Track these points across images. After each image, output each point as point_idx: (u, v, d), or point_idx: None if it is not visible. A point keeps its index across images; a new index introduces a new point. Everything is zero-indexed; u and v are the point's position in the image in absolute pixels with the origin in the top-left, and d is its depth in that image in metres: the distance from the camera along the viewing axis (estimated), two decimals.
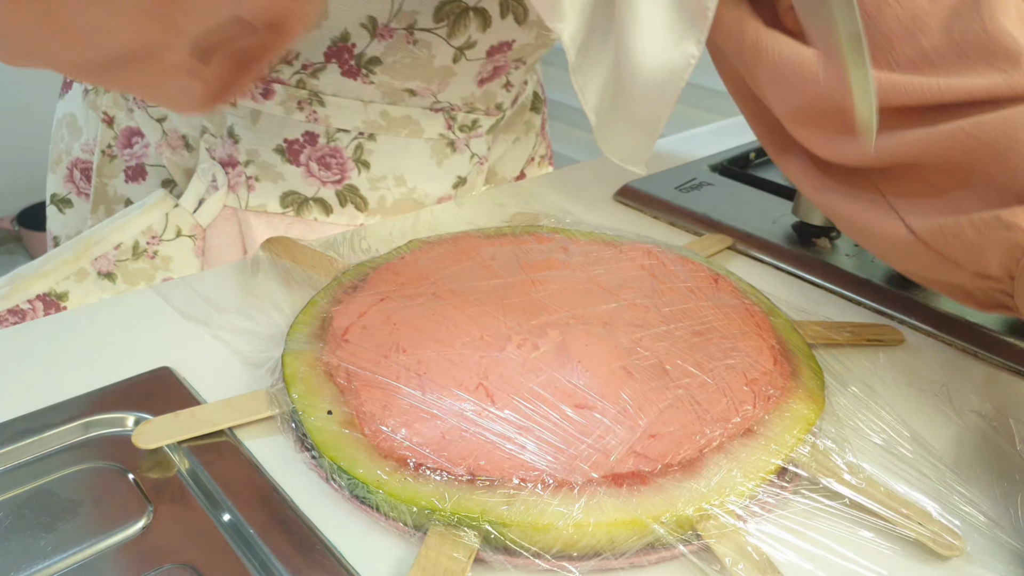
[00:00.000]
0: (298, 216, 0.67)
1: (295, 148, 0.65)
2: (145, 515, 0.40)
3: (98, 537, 0.39)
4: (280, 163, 0.65)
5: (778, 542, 0.39)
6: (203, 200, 0.66)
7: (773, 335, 0.51)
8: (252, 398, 0.45)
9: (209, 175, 0.66)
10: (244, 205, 0.66)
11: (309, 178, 0.66)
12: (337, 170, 0.66)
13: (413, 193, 0.69)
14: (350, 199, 0.67)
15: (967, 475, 0.44)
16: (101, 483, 0.41)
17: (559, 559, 0.37)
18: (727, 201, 0.73)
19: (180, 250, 0.66)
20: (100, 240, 0.63)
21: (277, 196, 0.66)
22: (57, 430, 0.44)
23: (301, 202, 0.67)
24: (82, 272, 0.64)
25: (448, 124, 0.68)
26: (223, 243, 0.67)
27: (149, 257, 0.65)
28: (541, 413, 0.42)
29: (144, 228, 0.64)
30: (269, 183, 0.66)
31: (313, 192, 0.66)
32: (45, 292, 0.63)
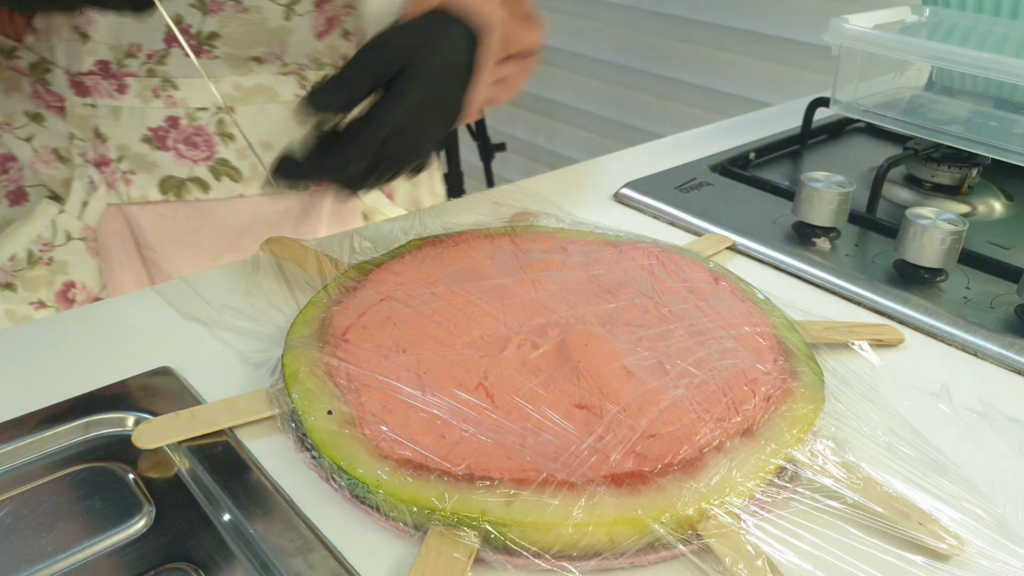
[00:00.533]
0: (179, 199, 0.69)
1: (160, 135, 0.67)
2: (145, 515, 0.40)
3: (98, 537, 0.39)
4: (150, 152, 0.67)
5: (778, 542, 0.39)
6: (86, 203, 0.68)
7: (773, 335, 0.51)
8: (252, 398, 0.45)
9: (86, 178, 0.68)
10: (126, 199, 0.68)
11: (180, 160, 0.68)
12: (205, 148, 0.68)
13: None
14: (224, 172, 0.70)
15: (967, 475, 0.44)
16: (101, 483, 0.41)
17: (559, 559, 0.37)
18: (727, 201, 0.73)
19: (74, 253, 0.68)
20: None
21: (155, 184, 0.69)
22: (57, 430, 0.44)
23: (179, 185, 0.69)
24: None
25: (301, 85, 0.70)
26: (114, 240, 0.69)
27: (45, 264, 0.67)
28: (541, 413, 0.42)
29: (33, 237, 0.67)
30: (144, 173, 0.68)
31: (188, 173, 0.69)
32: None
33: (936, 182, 0.77)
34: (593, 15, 2.03)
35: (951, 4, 0.85)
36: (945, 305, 0.58)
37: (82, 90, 0.65)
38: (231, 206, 0.72)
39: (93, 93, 0.65)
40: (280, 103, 0.69)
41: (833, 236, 0.67)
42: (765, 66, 1.72)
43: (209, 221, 0.71)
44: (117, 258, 0.70)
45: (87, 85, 0.65)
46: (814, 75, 1.62)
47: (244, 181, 0.71)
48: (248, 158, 0.70)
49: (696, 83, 1.86)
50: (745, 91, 1.76)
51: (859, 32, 0.76)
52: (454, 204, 0.72)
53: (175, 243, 0.71)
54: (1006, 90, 0.79)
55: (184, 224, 0.71)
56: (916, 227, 0.60)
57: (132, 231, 0.70)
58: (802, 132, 0.89)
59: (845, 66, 0.79)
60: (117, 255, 0.70)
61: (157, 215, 0.70)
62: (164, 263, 0.71)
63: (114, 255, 0.69)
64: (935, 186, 0.77)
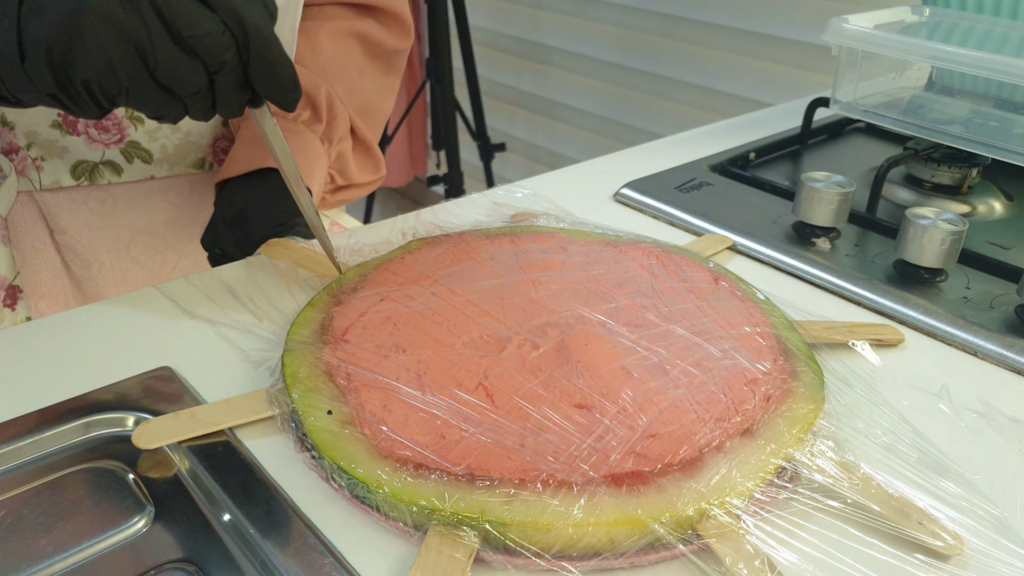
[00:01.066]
0: (92, 183, 0.70)
1: (70, 120, 0.67)
2: (145, 515, 0.40)
3: (98, 537, 0.39)
4: (60, 137, 0.67)
5: (778, 542, 0.39)
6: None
7: (773, 335, 0.51)
8: (252, 398, 0.45)
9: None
10: (38, 186, 0.69)
11: (92, 144, 0.69)
12: (115, 131, 0.69)
13: (190, 136, 0.73)
14: (135, 154, 0.71)
15: (967, 475, 0.44)
16: (101, 483, 0.41)
17: (559, 559, 0.37)
18: (727, 201, 0.73)
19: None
20: None
21: (67, 169, 0.69)
22: (57, 430, 0.44)
23: (91, 169, 0.70)
24: None
25: None
26: (26, 228, 0.69)
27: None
28: (541, 413, 0.42)
29: None
30: (56, 159, 0.68)
31: (100, 156, 0.70)
32: None
33: (936, 182, 0.77)
34: (593, 15, 2.03)
35: (951, 4, 0.85)
36: (945, 305, 0.58)
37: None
38: (142, 188, 0.72)
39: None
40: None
41: (833, 236, 0.67)
42: (765, 66, 1.72)
43: (121, 204, 0.72)
44: (30, 244, 0.70)
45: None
46: (814, 75, 1.62)
47: (155, 163, 0.72)
48: (158, 140, 0.71)
49: (696, 83, 1.86)
50: (745, 91, 1.76)
51: (859, 32, 0.76)
52: (454, 204, 0.72)
53: (89, 227, 0.72)
54: (1006, 90, 0.79)
55: (97, 208, 0.71)
56: (916, 227, 0.60)
57: (44, 217, 0.70)
58: (802, 132, 0.89)
59: (845, 66, 0.79)
60: (30, 241, 0.70)
61: (70, 201, 0.70)
62: (79, 247, 0.72)
63: (27, 242, 0.70)
64: (935, 186, 0.77)
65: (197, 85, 0.43)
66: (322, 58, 0.72)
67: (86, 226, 0.71)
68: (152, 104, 0.44)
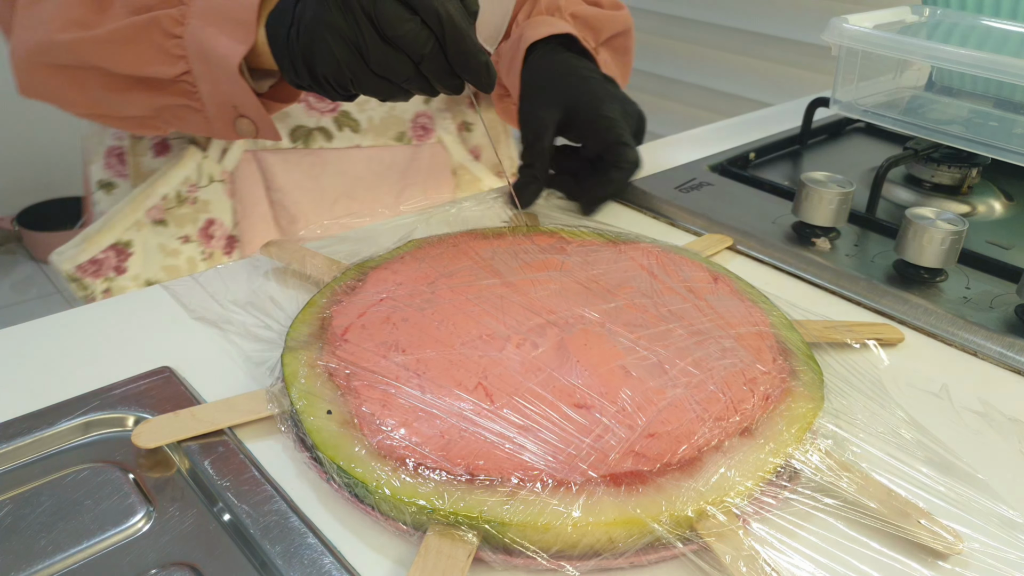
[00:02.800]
0: (306, 147, 0.79)
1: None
2: (145, 515, 0.40)
3: (98, 537, 0.39)
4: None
5: (777, 541, 0.39)
6: (226, 149, 0.77)
7: (772, 334, 0.51)
8: (252, 398, 0.45)
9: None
10: (260, 146, 0.78)
11: (310, 111, 0.78)
12: (330, 100, 0.76)
13: (393, 111, 0.81)
14: (345, 123, 0.79)
15: (966, 474, 0.44)
16: (101, 483, 0.41)
17: (558, 558, 0.37)
18: (727, 201, 0.73)
19: (214, 193, 0.78)
20: (149, 194, 0.75)
21: (286, 133, 0.78)
22: (57, 430, 0.44)
23: (307, 134, 0.78)
24: (139, 223, 0.76)
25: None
26: (247, 184, 0.78)
27: (191, 203, 0.77)
28: (540, 412, 0.42)
29: (182, 179, 0.76)
30: (278, 123, 0.76)
31: (315, 123, 0.78)
32: (113, 243, 0.75)
33: (936, 182, 0.77)
34: None
35: (951, 4, 0.85)
36: (945, 305, 0.58)
37: None
38: (348, 156, 0.81)
39: None
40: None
41: (833, 236, 0.67)
42: (765, 66, 1.72)
43: (329, 169, 0.80)
44: (249, 199, 0.79)
45: None
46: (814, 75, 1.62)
47: (362, 132, 0.80)
48: (366, 112, 0.80)
49: (696, 83, 1.86)
50: (745, 91, 1.76)
51: (859, 32, 0.76)
52: (454, 204, 0.72)
53: (299, 187, 0.80)
54: (1006, 90, 0.79)
55: (308, 170, 0.80)
56: (916, 227, 0.60)
57: (263, 176, 0.79)
58: (802, 132, 0.89)
59: (845, 66, 0.79)
60: (249, 197, 0.79)
61: (285, 162, 0.79)
62: (289, 204, 0.80)
63: (247, 197, 0.79)
64: (935, 186, 0.77)
65: (406, 73, 0.52)
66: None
67: (297, 186, 0.80)
68: (375, 90, 0.54)
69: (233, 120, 0.62)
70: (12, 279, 2.38)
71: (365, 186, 0.82)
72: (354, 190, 0.82)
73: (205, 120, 0.63)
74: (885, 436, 0.46)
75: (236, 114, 0.62)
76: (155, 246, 0.76)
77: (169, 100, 0.62)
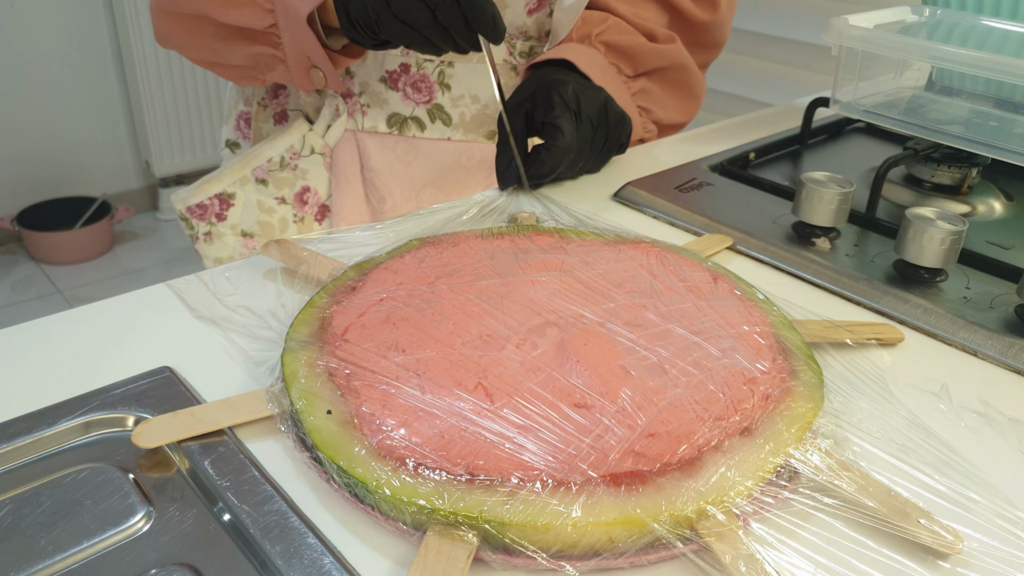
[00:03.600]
0: (400, 134, 0.85)
1: (394, 77, 0.83)
2: (145, 515, 0.40)
3: (98, 537, 0.39)
4: (384, 90, 0.83)
5: (777, 541, 0.39)
6: (330, 126, 0.84)
7: (772, 334, 0.51)
8: (252, 398, 0.45)
9: (333, 106, 0.84)
10: (360, 127, 0.85)
11: (406, 101, 0.84)
12: (426, 92, 0.83)
13: (487, 109, 0.85)
14: (438, 116, 0.85)
15: (966, 474, 0.44)
16: (101, 483, 0.41)
17: (558, 558, 0.37)
18: (727, 201, 0.73)
19: (314, 164, 0.85)
20: (257, 155, 0.84)
21: (384, 119, 0.85)
22: (57, 430, 0.44)
23: (402, 122, 0.85)
24: (244, 179, 0.85)
25: (510, 51, 0.85)
26: (346, 159, 0.85)
27: (291, 169, 0.85)
28: (540, 412, 0.42)
29: (287, 147, 0.84)
30: (377, 108, 0.84)
31: (410, 112, 0.84)
32: (219, 192, 0.85)
33: (936, 182, 0.77)
34: None
35: (951, 4, 0.85)
36: (945, 305, 0.58)
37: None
38: (439, 147, 0.86)
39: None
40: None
41: (833, 236, 0.67)
42: (765, 66, 1.72)
43: (420, 157, 0.86)
44: (344, 175, 0.85)
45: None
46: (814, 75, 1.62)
47: (453, 127, 0.85)
48: (459, 107, 0.84)
49: None
50: (745, 91, 1.76)
51: (859, 32, 0.76)
52: (454, 204, 0.72)
53: (391, 171, 0.86)
54: (1006, 90, 0.79)
55: (401, 156, 0.85)
56: (916, 227, 0.60)
57: (360, 155, 0.85)
58: (802, 132, 0.89)
59: (845, 66, 0.79)
60: (345, 172, 0.85)
61: (381, 145, 0.85)
62: (380, 184, 0.86)
63: (343, 172, 0.85)
64: (935, 186, 0.77)
65: (424, 19, 0.61)
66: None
67: (389, 169, 0.85)
68: (398, 34, 0.63)
69: (308, 70, 0.72)
70: (12, 279, 2.38)
71: (453, 178, 0.87)
72: (442, 180, 0.87)
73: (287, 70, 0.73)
74: (885, 436, 0.46)
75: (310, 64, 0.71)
76: (254, 202, 0.85)
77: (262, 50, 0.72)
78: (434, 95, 0.83)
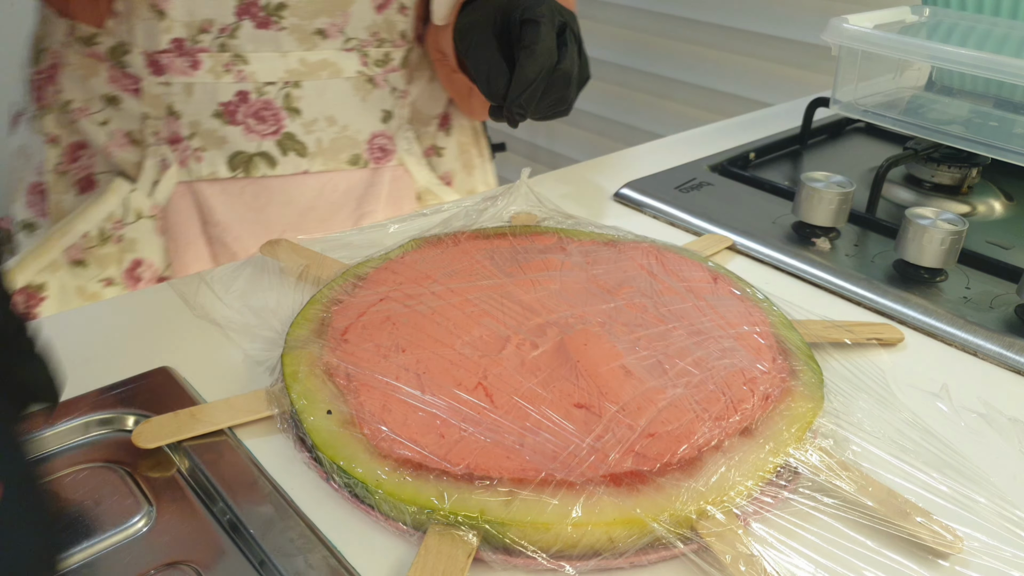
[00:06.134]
0: (247, 175, 0.71)
1: (231, 109, 0.69)
2: (145, 515, 0.40)
3: (98, 537, 0.39)
4: (220, 127, 0.69)
5: (777, 541, 0.39)
6: (156, 181, 0.70)
7: (772, 334, 0.51)
8: (251, 398, 0.45)
9: (159, 157, 0.69)
10: (196, 176, 0.70)
11: (249, 135, 0.70)
12: (272, 121, 0.70)
13: (346, 131, 0.73)
14: (291, 147, 0.71)
15: (966, 474, 0.44)
16: (101, 483, 0.41)
17: (558, 558, 0.37)
18: (727, 201, 0.73)
19: (142, 231, 0.70)
20: (66, 232, 0.68)
21: (224, 161, 0.70)
22: (57, 430, 0.44)
23: (247, 161, 0.71)
24: (55, 263, 0.69)
25: (363, 61, 0.72)
26: (182, 218, 0.71)
27: (115, 242, 0.69)
28: (540, 412, 0.42)
29: (106, 215, 0.69)
30: (214, 150, 0.70)
31: (256, 147, 0.70)
32: (24, 285, 0.68)
33: (936, 182, 0.77)
34: (593, 15, 2.03)
35: (951, 4, 0.85)
36: (945, 305, 0.58)
37: (158, 69, 0.67)
38: (295, 183, 0.73)
39: (168, 71, 0.67)
40: (343, 79, 0.72)
41: (833, 236, 0.67)
42: (765, 66, 1.72)
43: (275, 198, 0.73)
44: (183, 237, 0.71)
45: (163, 64, 0.67)
46: (814, 75, 1.62)
47: (310, 156, 0.72)
48: (314, 133, 0.72)
49: (696, 83, 1.86)
50: (745, 91, 1.76)
51: (859, 32, 0.76)
52: (454, 204, 0.72)
53: (242, 221, 0.72)
54: (1006, 90, 0.79)
55: (251, 202, 0.72)
56: (916, 227, 0.60)
57: (200, 209, 0.71)
58: (802, 132, 0.89)
59: (845, 66, 0.79)
60: (184, 233, 0.71)
61: (224, 193, 0.71)
62: (230, 241, 0.72)
63: (181, 233, 0.71)
64: (935, 186, 0.77)
65: None
66: None
67: (238, 220, 0.72)
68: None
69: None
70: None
71: (317, 217, 0.75)
72: (304, 222, 0.74)
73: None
74: (885, 436, 0.46)
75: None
76: (73, 289, 0.69)
77: None
78: (282, 123, 0.70)
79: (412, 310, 0.50)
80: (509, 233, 0.61)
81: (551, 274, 0.55)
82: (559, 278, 0.54)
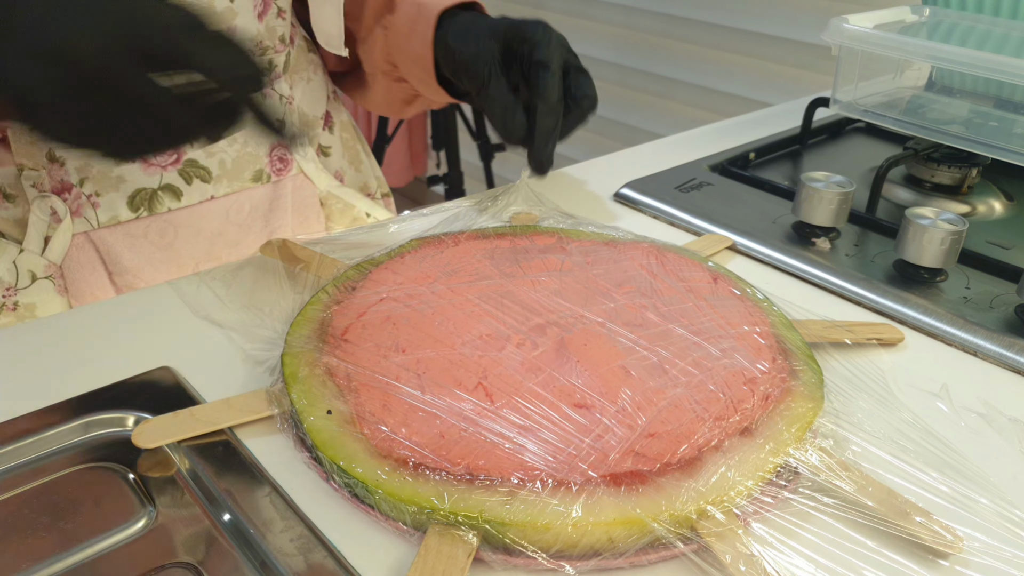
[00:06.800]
0: (151, 213, 0.66)
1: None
2: (145, 515, 0.40)
3: (98, 537, 0.39)
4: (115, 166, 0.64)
5: (777, 541, 0.39)
6: (48, 237, 0.63)
7: (772, 334, 0.51)
8: (252, 398, 0.45)
9: (46, 210, 0.63)
10: (95, 225, 0.64)
11: (149, 168, 0.65)
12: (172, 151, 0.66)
13: (247, 147, 0.70)
14: (194, 174, 0.67)
15: (966, 474, 0.44)
16: (101, 483, 0.41)
17: (558, 558, 0.37)
18: (727, 201, 0.73)
19: (41, 293, 0.64)
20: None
21: (124, 202, 0.65)
22: (57, 430, 0.44)
23: (150, 197, 0.66)
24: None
25: None
26: (85, 273, 0.65)
27: (10, 310, 0.63)
28: (540, 412, 0.42)
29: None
30: (112, 192, 0.64)
31: (158, 182, 0.66)
32: None
33: (936, 182, 0.77)
34: (593, 15, 2.03)
35: (951, 4, 0.85)
36: (945, 305, 0.58)
37: None
38: (200, 212, 0.69)
39: None
40: None
41: (833, 236, 0.67)
42: (765, 66, 1.72)
43: (182, 232, 0.69)
44: (89, 291, 0.66)
45: None
46: (814, 75, 1.62)
47: (215, 180, 0.69)
48: (216, 155, 0.68)
49: (696, 83, 1.86)
50: (745, 91, 1.76)
51: (859, 32, 0.76)
52: (454, 204, 0.72)
53: (150, 262, 0.68)
54: (1006, 90, 0.79)
55: (157, 240, 0.68)
56: (916, 227, 0.60)
57: (103, 259, 0.66)
58: (802, 132, 0.89)
59: (845, 66, 0.79)
60: (89, 288, 0.66)
61: (128, 236, 0.66)
62: (140, 286, 0.68)
63: (85, 289, 0.66)
64: (935, 186, 0.77)
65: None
66: None
67: (147, 261, 0.68)
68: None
69: None
70: None
71: (225, 242, 0.71)
72: (214, 250, 0.71)
73: None
74: (885, 436, 0.46)
75: None
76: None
77: None
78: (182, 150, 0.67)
79: (412, 310, 0.50)
80: (509, 233, 0.61)
81: (551, 274, 0.55)
82: (559, 278, 0.54)
